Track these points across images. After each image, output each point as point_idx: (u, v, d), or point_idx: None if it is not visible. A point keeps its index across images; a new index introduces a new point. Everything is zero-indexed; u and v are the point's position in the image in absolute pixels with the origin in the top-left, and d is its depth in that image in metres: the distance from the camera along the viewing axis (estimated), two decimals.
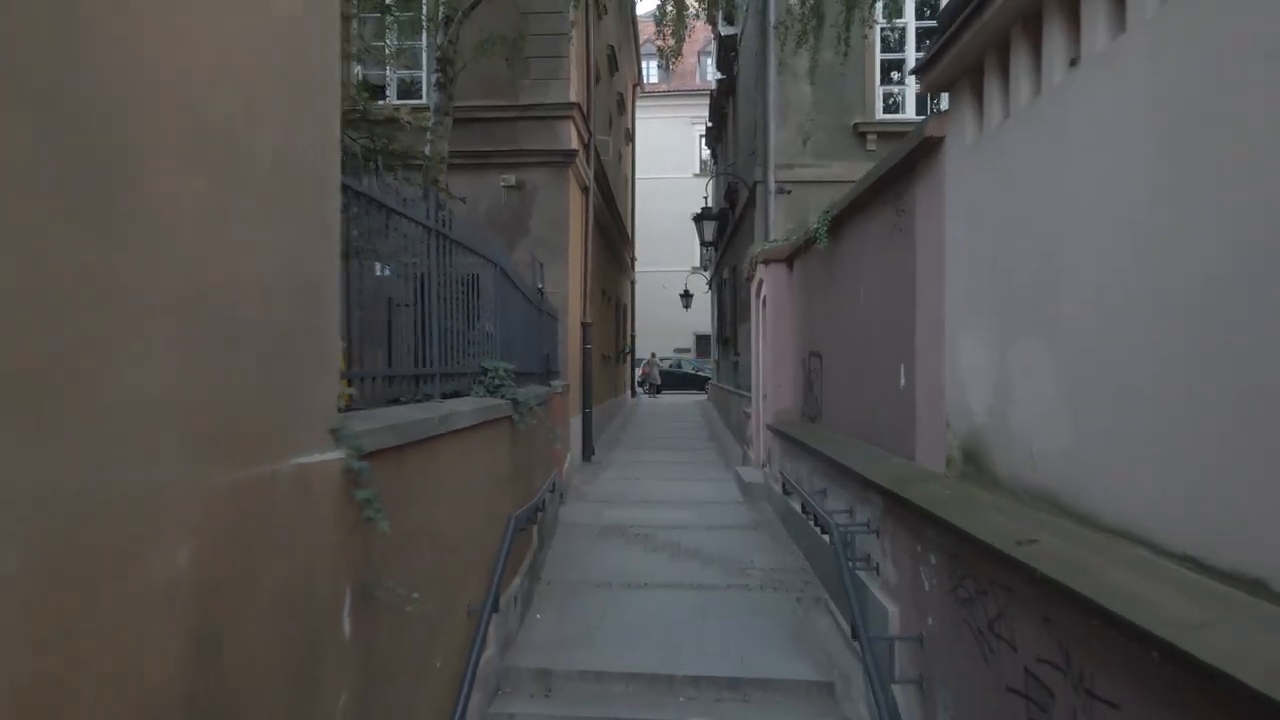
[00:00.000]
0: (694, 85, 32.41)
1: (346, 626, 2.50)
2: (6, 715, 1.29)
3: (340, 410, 2.53)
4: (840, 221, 6.04)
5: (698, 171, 31.49)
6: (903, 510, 3.98)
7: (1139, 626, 1.91)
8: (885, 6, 7.49)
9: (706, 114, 21.56)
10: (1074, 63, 2.80)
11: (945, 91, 3.89)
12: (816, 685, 4.27)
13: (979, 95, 3.56)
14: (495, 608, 3.92)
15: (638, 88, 24.47)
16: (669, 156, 32.22)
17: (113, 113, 1.53)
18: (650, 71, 29.63)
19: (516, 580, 5.03)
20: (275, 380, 2.14)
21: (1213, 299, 1.98)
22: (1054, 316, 2.81)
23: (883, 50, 11.36)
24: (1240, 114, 1.90)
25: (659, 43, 9.54)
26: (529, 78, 10.06)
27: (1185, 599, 1.93)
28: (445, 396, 3.97)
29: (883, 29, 11.17)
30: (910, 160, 4.32)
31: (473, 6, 7.56)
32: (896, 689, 3.85)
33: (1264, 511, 1.81)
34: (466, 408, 3.80)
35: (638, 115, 25.46)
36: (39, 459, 1.35)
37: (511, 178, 10.28)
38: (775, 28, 9.60)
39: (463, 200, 8.16)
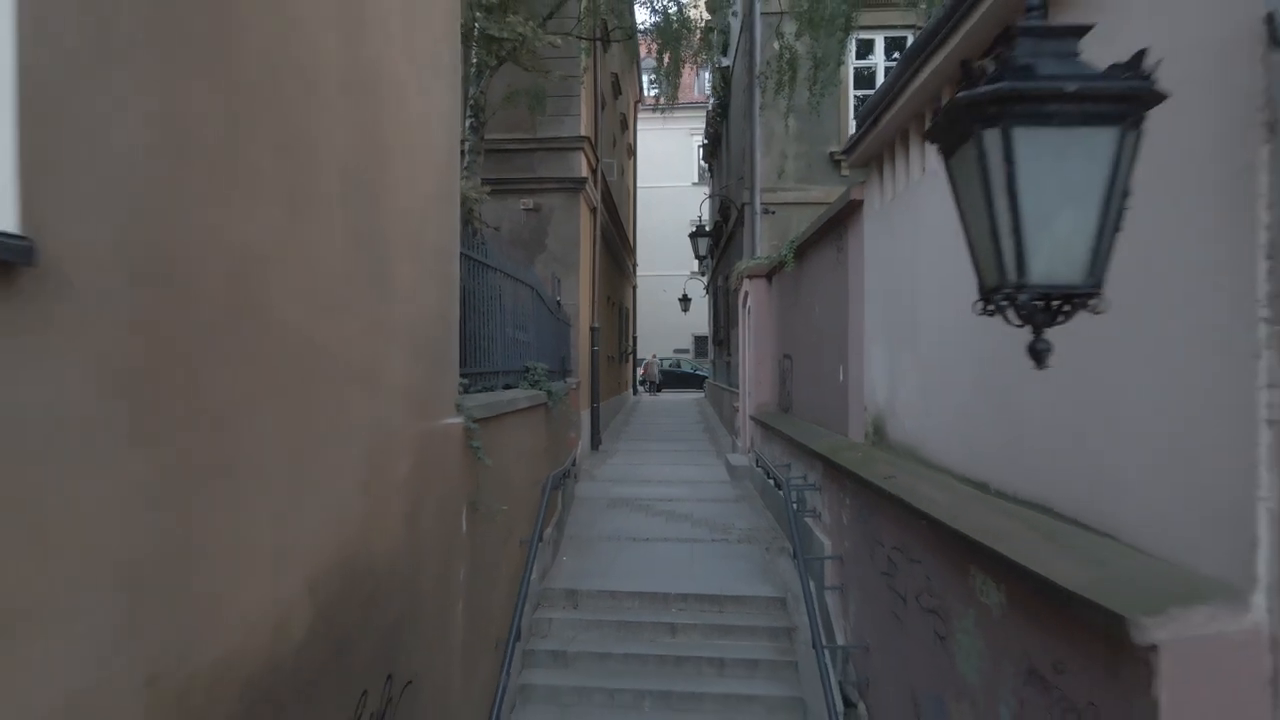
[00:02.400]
0: (692, 98, 33.91)
1: (464, 526, 4.04)
2: (354, 524, 2.82)
3: (459, 392, 4.07)
4: (803, 249, 7.57)
5: (696, 180, 33.04)
6: (834, 470, 5.51)
7: (925, 512, 3.44)
8: (821, 85, 9.00)
9: (704, 125, 23.09)
10: (924, 169, 4.33)
11: (863, 168, 5.43)
12: (773, 600, 5.81)
13: (882, 175, 5.08)
14: (540, 538, 5.46)
15: (639, 103, 25.97)
16: (668, 166, 33.76)
17: (384, 237, 3.07)
18: (650, 85, 31.11)
19: (549, 530, 6.57)
20: (434, 373, 3.68)
21: (979, 335, 3.51)
22: (914, 338, 4.34)
23: (855, 86, 12.89)
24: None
25: (654, 92, 11.06)
26: (545, 114, 11.56)
27: (951, 497, 3.46)
28: (503, 388, 5.51)
29: (856, 67, 12.73)
30: (843, 214, 5.85)
31: (500, 63, 9.09)
32: (828, 595, 5.39)
33: (986, 450, 3.35)
34: (521, 395, 5.35)
35: (639, 127, 26.98)
36: (369, 407, 2.90)
37: (530, 201, 11.82)
38: (758, 77, 11.13)
39: (496, 229, 9.69)
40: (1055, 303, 1.56)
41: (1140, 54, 1.46)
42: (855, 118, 13.24)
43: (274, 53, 2.20)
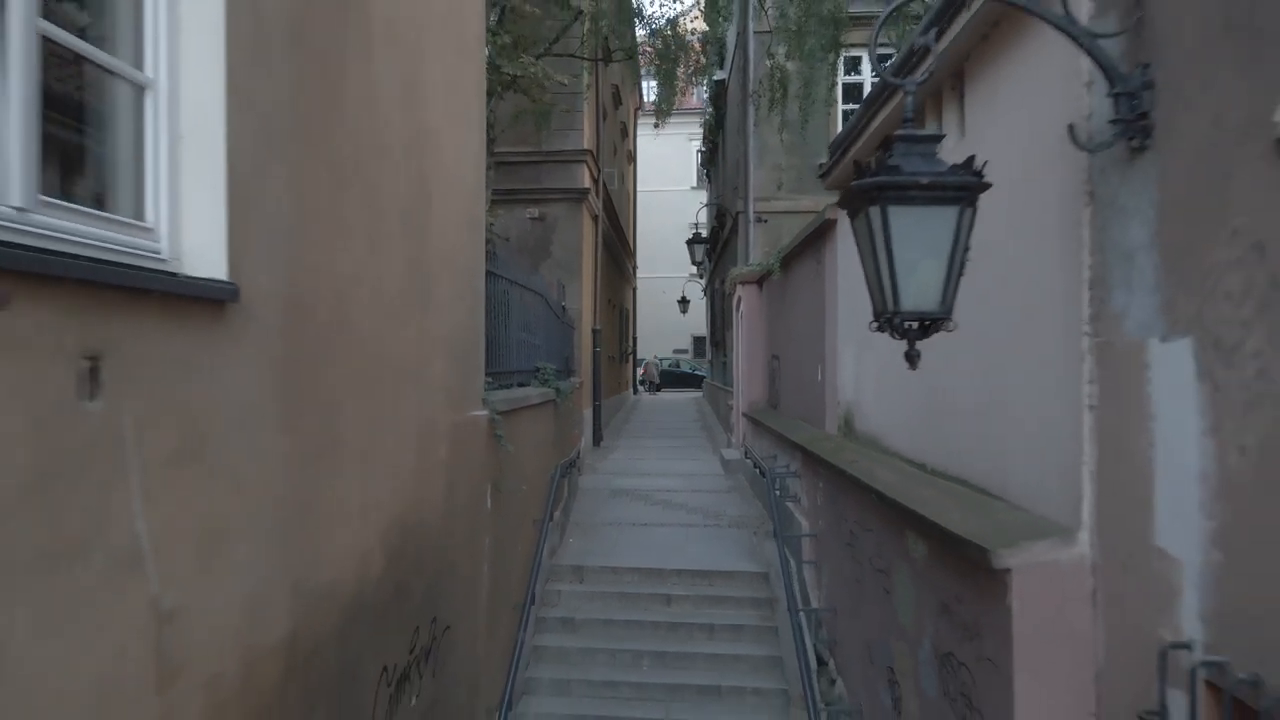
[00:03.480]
0: (691, 105, 34.58)
1: (489, 502, 4.75)
2: (408, 493, 3.52)
3: (485, 389, 4.78)
4: (788, 260, 8.28)
5: (694, 184, 33.73)
6: (811, 459, 6.21)
7: (875, 489, 4.14)
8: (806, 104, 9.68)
9: (702, 131, 23.79)
10: None
11: (836, 190, 6.13)
12: (757, 575, 6.52)
13: None
14: (550, 518, 6.17)
15: (638, 110, 26.67)
16: (668, 171, 34.43)
17: (428, 262, 3.77)
18: (650, 91, 31.79)
19: (558, 513, 7.28)
20: (466, 373, 4.39)
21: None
22: (872, 344, 5.03)
23: (845, 100, 13.58)
24: None
25: (654, 99, 11.77)
26: (550, 129, 12.26)
27: (899, 477, 4.16)
28: (517, 385, 6.22)
29: (845, 83, 13.41)
30: (821, 230, 6.56)
31: (506, 88, 9.77)
32: (805, 569, 6.09)
33: (923, 437, 4.05)
34: (534, 393, 6.06)
35: (639, 132, 27.67)
36: (418, 401, 3.60)
37: (536, 211, 12.52)
38: (751, 95, 11.84)
39: (507, 239, 10.39)
40: (924, 323, 2.26)
41: (971, 158, 2.16)
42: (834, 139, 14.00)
43: (364, 132, 2.91)
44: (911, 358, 2.28)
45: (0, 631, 1.37)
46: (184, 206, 2.02)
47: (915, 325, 2.26)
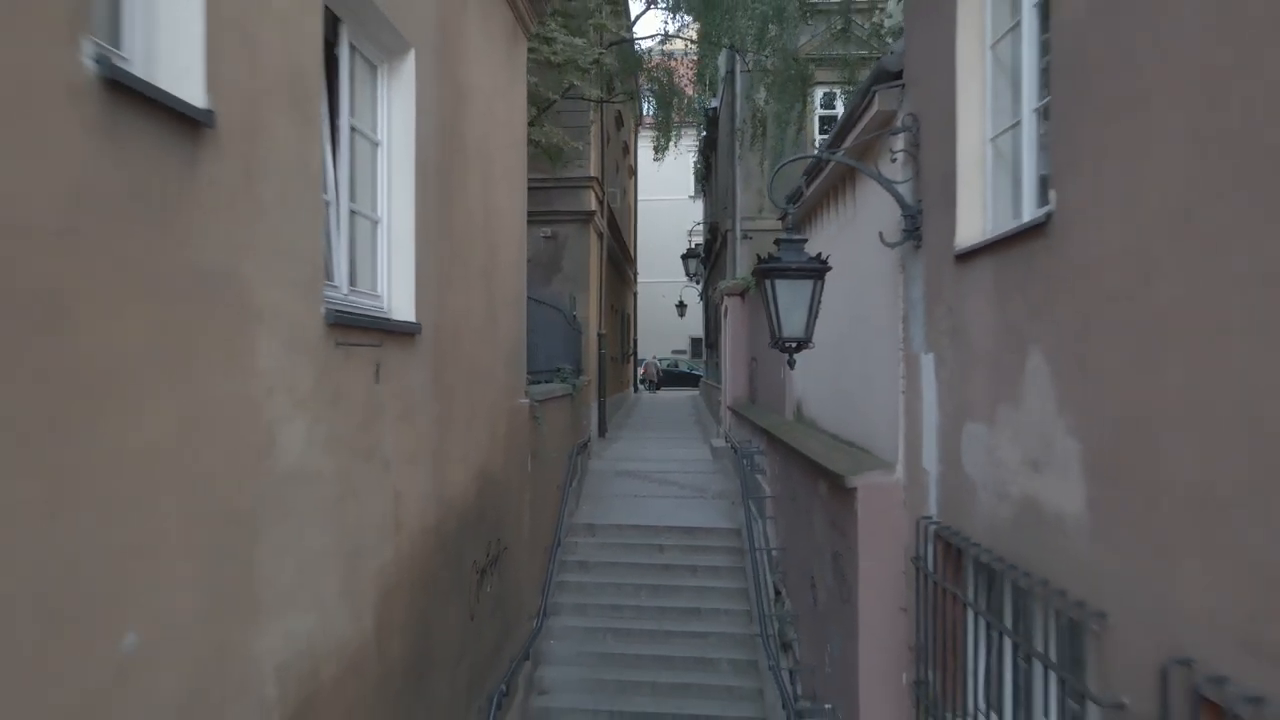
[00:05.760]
0: (690, 120, 36.32)
1: (529, 467, 6.51)
2: (485, 453, 5.29)
3: (526, 384, 6.55)
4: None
5: (693, 194, 35.50)
6: (772, 439, 7.97)
7: (803, 453, 5.89)
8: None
9: (698, 145, 25.57)
10: None
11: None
12: (731, 530, 8.30)
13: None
14: (570, 484, 7.94)
15: (639, 126, 28.40)
16: (668, 180, 36.19)
17: (495, 296, 5.54)
18: (649, 105, 33.49)
19: (574, 484, 9.06)
20: (515, 372, 6.15)
21: (830, 355, 5.96)
22: (808, 355, 6.79)
23: (821, 132, 15.32)
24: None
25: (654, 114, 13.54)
26: (562, 160, 14.02)
27: (821, 445, 5.91)
28: (544, 382, 7.99)
29: (821, 115, 15.16)
30: None
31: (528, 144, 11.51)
32: (769, 524, 7.87)
33: (836, 417, 5.81)
34: (556, 388, 7.84)
35: (639, 144, 29.41)
36: (490, 394, 5.37)
37: (549, 230, 14.27)
38: (737, 130, 13.60)
39: (528, 258, 12.16)
40: (797, 345, 4.01)
41: (820, 254, 3.92)
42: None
43: (464, 219, 4.68)
44: (791, 363, 4.05)
45: (357, 492, 3.14)
46: (394, 282, 3.79)
47: (793, 345, 4.02)
